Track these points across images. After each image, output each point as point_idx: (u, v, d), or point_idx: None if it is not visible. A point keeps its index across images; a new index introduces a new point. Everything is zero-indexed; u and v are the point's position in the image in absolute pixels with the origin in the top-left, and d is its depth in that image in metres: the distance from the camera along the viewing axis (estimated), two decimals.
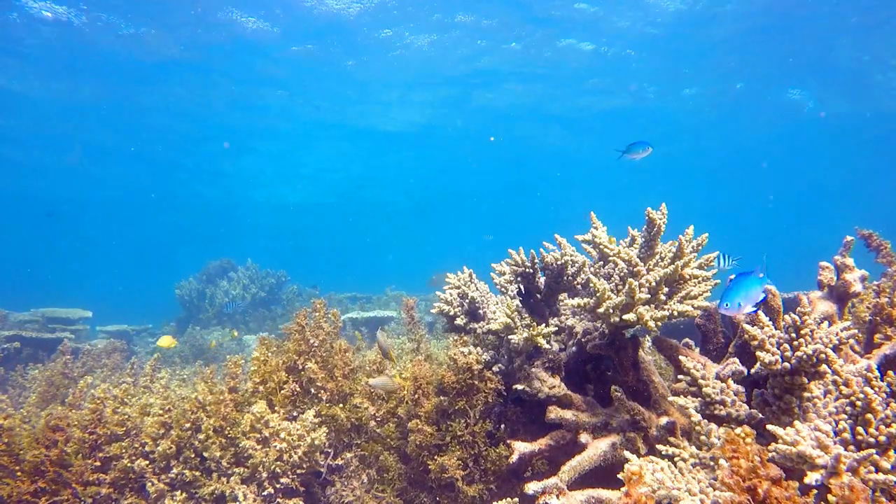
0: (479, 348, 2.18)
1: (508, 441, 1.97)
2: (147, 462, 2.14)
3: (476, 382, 1.97)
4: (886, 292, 2.07)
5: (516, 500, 1.75)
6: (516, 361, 2.09)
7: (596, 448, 1.80)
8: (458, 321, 2.26)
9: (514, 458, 1.91)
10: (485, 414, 2.05)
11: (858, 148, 15.97)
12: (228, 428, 2.15)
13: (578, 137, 15.89)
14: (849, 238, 2.29)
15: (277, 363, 2.36)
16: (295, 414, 2.27)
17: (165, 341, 5.20)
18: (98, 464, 2.18)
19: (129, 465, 2.14)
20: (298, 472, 2.10)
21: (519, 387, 2.01)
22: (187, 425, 2.18)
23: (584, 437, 1.87)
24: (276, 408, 2.26)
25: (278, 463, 2.07)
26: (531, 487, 1.66)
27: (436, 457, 1.95)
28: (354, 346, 2.74)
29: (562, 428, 1.94)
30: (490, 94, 13.12)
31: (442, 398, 2.03)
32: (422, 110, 14.04)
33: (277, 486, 2.05)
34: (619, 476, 1.43)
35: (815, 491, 1.21)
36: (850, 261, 2.22)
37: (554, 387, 1.99)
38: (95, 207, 23.43)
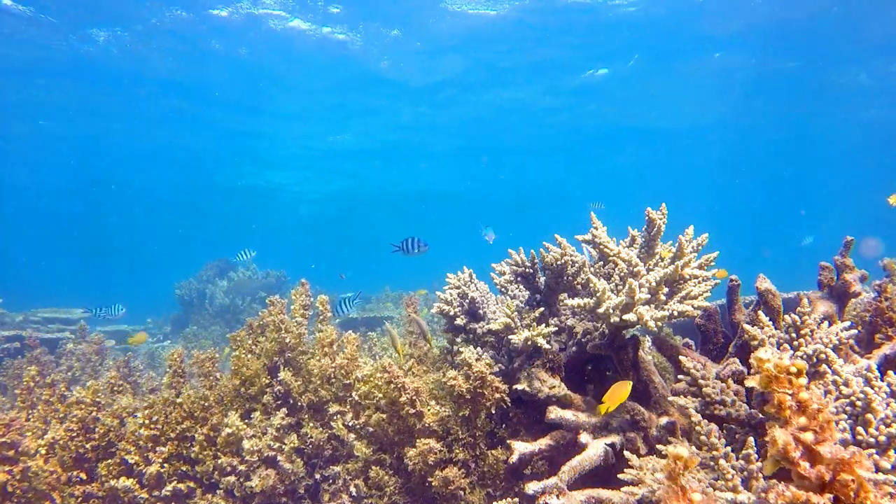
0: (479, 349, 2.17)
1: (509, 441, 1.97)
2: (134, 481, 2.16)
3: (485, 391, 1.94)
4: (888, 293, 2.07)
5: (516, 500, 1.76)
6: (516, 361, 2.09)
7: (596, 448, 1.80)
8: (458, 321, 2.26)
9: (515, 458, 1.91)
10: (487, 416, 2.05)
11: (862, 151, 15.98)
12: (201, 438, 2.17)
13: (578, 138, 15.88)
14: (849, 238, 2.29)
15: (258, 367, 2.30)
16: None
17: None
18: (84, 475, 2.17)
19: (116, 485, 2.15)
20: (279, 488, 2.13)
21: (519, 387, 2.00)
22: (173, 434, 2.20)
23: (584, 437, 1.86)
24: (257, 413, 2.25)
25: (248, 483, 2.11)
26: (531, 487, 1.66)
27: (444, 469, 1.91)
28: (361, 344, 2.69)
29: (562, 428, 1.94)
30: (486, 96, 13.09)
31: (448, 409, 2.01)
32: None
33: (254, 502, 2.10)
34: (620, 476, 1.43)
35: None
36: (850, 261, 2.22)
37: (554, 387, 1.98)
38: (96, 206, 23.42)
